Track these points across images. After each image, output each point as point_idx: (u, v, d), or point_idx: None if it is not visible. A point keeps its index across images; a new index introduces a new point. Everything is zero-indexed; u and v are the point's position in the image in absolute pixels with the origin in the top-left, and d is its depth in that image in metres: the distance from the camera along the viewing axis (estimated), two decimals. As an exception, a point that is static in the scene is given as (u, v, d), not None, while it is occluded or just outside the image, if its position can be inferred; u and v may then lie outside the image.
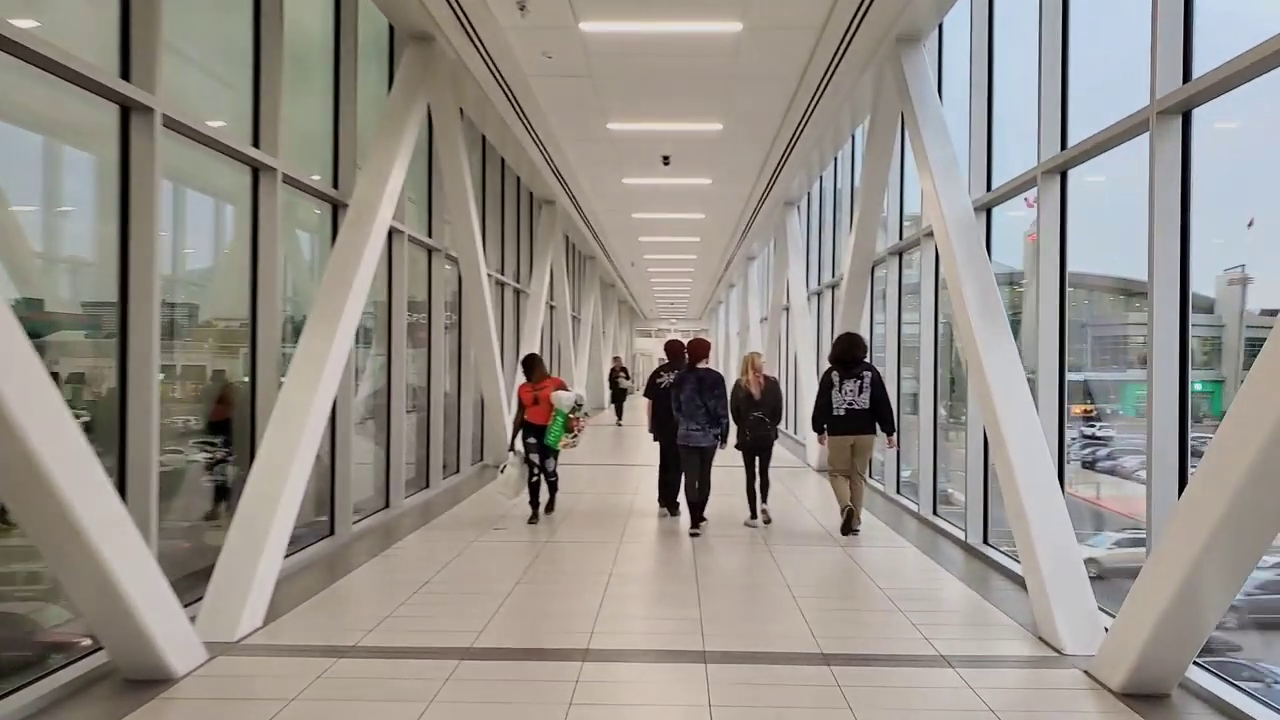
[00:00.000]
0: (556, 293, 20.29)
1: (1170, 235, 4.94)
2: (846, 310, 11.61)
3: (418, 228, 11.10)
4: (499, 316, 15.50)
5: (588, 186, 16.57)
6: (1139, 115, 5.16)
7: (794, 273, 16.98)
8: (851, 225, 11.71)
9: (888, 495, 11.14)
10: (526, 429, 9.25)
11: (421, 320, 11.33)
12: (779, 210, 17.87)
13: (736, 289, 35.29)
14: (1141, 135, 5.26)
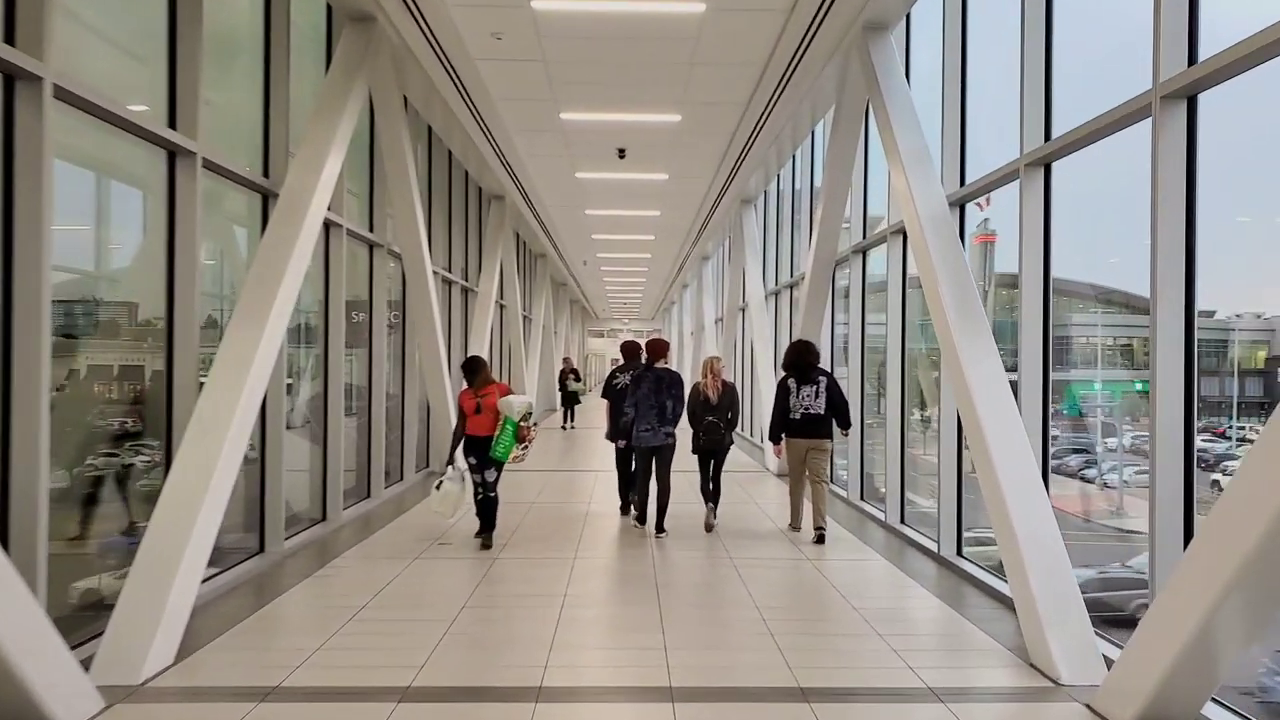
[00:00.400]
0: (507, 291, 19.67)
1: (1175, 228, 4.56)
2: (808, 310, 11.21)
3: (358, 222, 10.46)
4: (446, 315, 14.87)
5: (539, 181, 15.99)
6: (1140, 100, 4.77)
7: (751, 272, 16.59)
8: (811, 224, 11.33)
9: (851, 502, 10.76)
10: (469, 443, 8.17)
11: (362, 319, 10.70)
12: (735, 209, 17.48)
13: (690, 289, 34.93)
14: (1139, 122, 4.88)
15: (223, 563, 7.03)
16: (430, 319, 11.57)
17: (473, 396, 8.17)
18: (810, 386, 8.50)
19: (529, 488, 11.84)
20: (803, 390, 8.51)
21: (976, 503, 7.44)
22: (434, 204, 13.76)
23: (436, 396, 12.39)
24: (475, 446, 8.15)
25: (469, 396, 8.20)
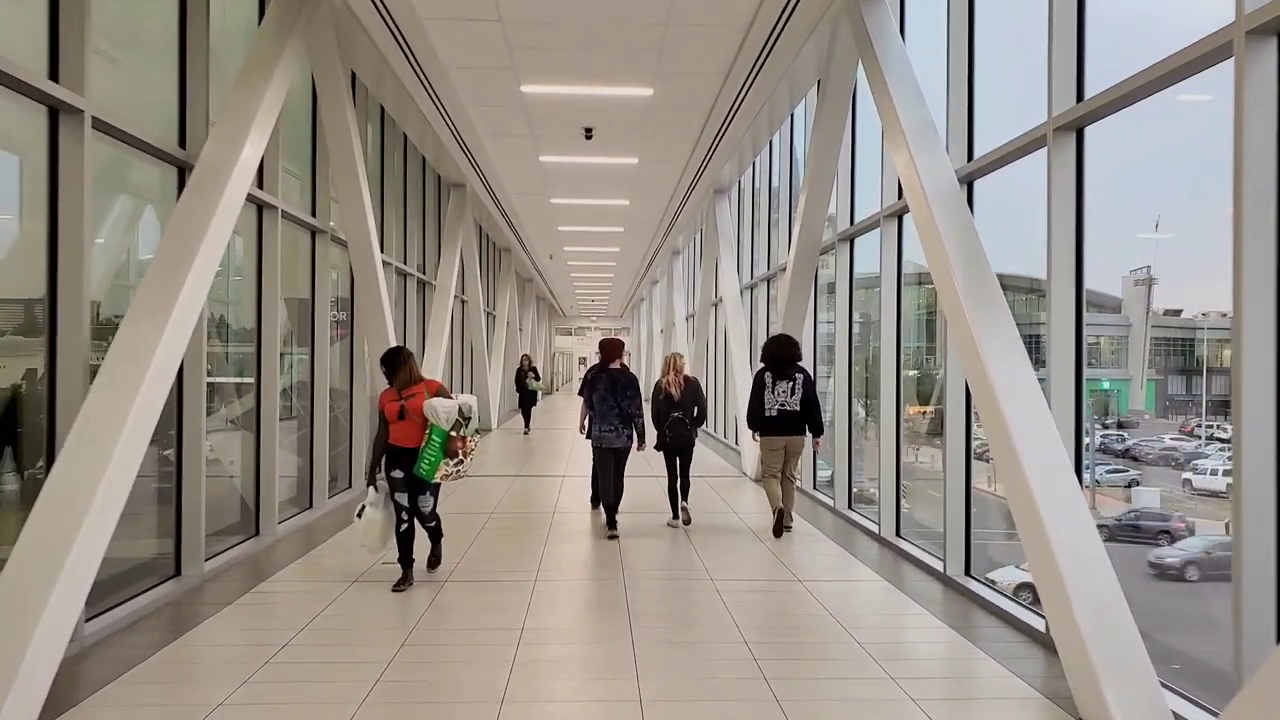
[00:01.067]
0: (468, 286, 18.71)
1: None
2: (790, 303, 10.39)
3: (299, 205, 9.49)
4: (401, 309, 13.91)
5: (501, 166, 15.02)
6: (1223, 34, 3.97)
7: (725, 266, 15.76)
8: (793, 210, 10.52)
9: (838, 511, 9.96)
10: (391, 455, 6.66)
11: (304, 312, 9.73)
12: (709, 200, 16.65)
13: (660, 285, 34.10)
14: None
15: (127, 590, 6.08)
16: (380, 311, 10.59)
17: (395, 398, 6.63)
18: (787, 383, 8.36)
19: (486, 497, 10.92)
20: (779, 386, 8.37)
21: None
22: (387, 191, 12.81)
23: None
24: (400, 460, 6.59)
25: (390, 398, 6.65)
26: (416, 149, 14.39)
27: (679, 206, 17.46)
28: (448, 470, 6.54)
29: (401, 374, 6.67)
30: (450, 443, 6.49)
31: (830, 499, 10.38)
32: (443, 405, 6.50)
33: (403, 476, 6.60)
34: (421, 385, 6.68)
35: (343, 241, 10.23)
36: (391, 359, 6.78)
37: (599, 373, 8.80)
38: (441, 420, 6.45)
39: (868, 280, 9.89)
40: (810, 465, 11.37)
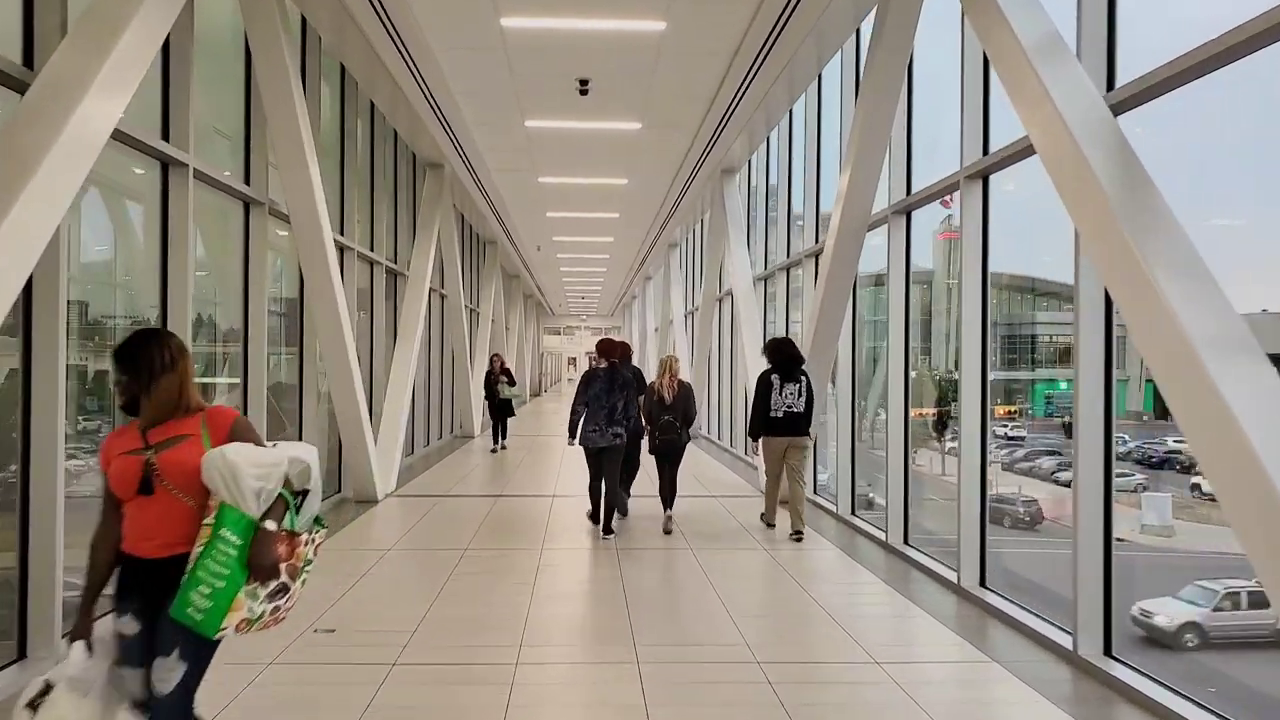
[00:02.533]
0: (448, 280, 16.87)
1: None
2: (829, 291, 8.66)
3: (232, 169, 7.66)
4: (368, 300, 12.07)
5: (480, 136, 13.11)
6: None
7: (736, 254, 13.96)
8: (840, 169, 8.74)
9: (841, 517, 8.28)
10: (126, 573, 3.08)
11: (235, 300, 7.90)
12: (714, 182, 14.87)
13: (654, 282, 32.31)
14: None
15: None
16: (332, 301, 8.78)
17: (135, 445, 3.04)
18: (794, 384, 8.43)
19: (455, 529, 9.09)
20: (787, 388, 8.41)
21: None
22: (352, 167, 10.99)
23: (344, 403, 9.60)
24: (140, 587, 3.05)
25: (122, 446, 3.06)
26: (387, 121, 12.58)
27: (683, 188, 15.62)
28: (251, 613, 2.97)
29: (156, 388, 3.06)
30: (263, 546, 2.98)
31: (833, 504, 9.82)
32: (246, 463, 2.96)
33: (139, 630, 3.03)
34: (197, 419, 3.08)
35: (285, 216, 8.39)
36: (133, 353, 3.07)
37: (596, 371, 8.72)
38: (245, 496, 2.95)
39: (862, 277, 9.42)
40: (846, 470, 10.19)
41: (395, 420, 11.79)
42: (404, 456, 14.26)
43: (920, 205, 7.81)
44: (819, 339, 9.11)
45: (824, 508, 10.21)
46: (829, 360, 9.41)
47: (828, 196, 10.98)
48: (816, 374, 9.23)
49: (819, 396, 8.93)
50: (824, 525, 9.36)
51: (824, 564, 7.74)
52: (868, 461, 9.78)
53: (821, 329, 9.03)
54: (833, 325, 9.04)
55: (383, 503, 10.44)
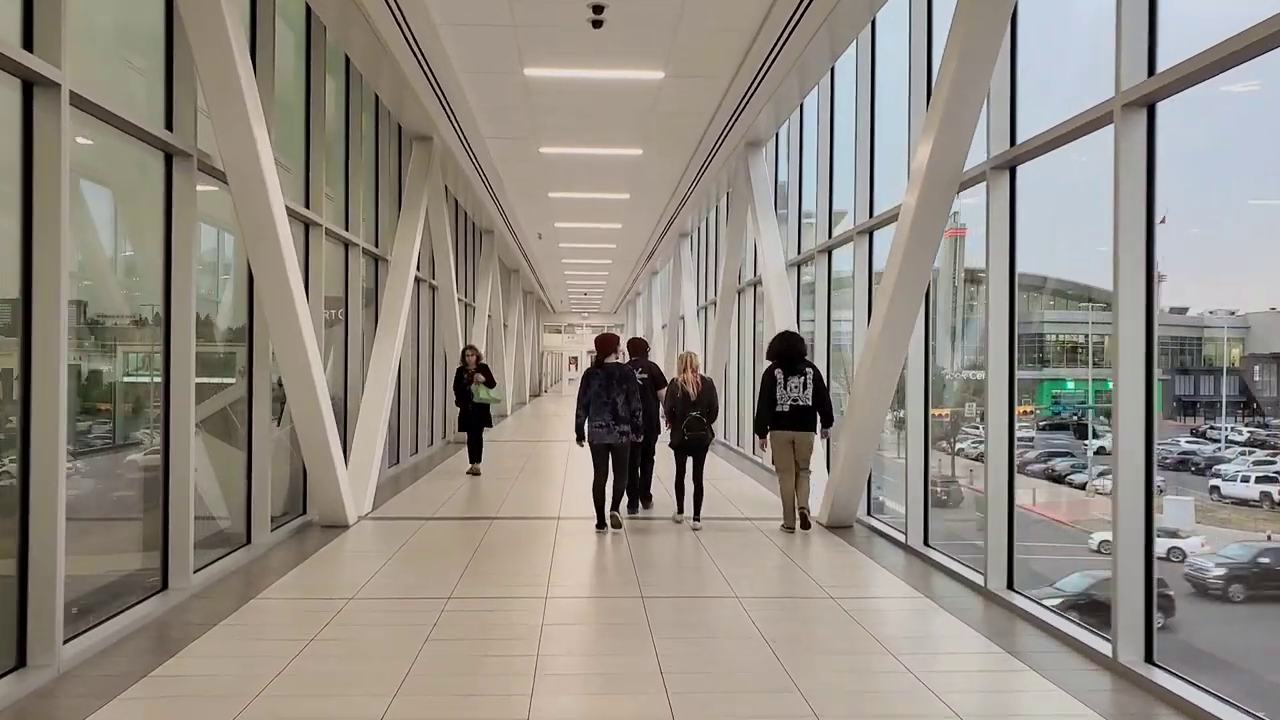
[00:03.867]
0: (440, 270, 15.17)
1: None
2: (906, 270, 6.96)
3: (141, 112, 5.94)
4: (340, 285, 10.37)
5: (472, 90, 11.19)
6: None
7: (766, 235, 12.24)
8: (929, 109, 7.05)
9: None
10: None
11: (154, 279, 6.19)
12: (737, 158, 13.15)
13: (660, 276, 30.61)
14: None
15: None
16: (283, 283, 7.07)
17: None
18: (798, 378, 8.45)
19: (432, 572, 7.37)
20: (791, 381, 8.46)
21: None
22: (316, 127, 9.26)
23: (303, 411, 7.89)
24: None
25: None
26: (365, 82, 10.88)
27: (704, 161, 13.85)
28: None
29: None
30: None
31: (902, 536, 8.00)
32: None
33: None
34: None
35: (221, 174, 6.67)
36: None
37: (595, 368, 8.63)
38: None
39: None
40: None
41: (372, 428, 10.07)
42: (389, 466, 12.56)
43: (1037, 155, 6.05)
44: (888, 331, 7.40)
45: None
46: (897, 361, 7.70)
47: (840, 196, 10.58)
48: (880, 381, 7.61)
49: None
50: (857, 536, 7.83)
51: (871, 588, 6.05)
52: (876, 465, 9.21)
53: (894, 316, 7.31)
54: (906, 311, 7.32)
55: (354, 528, 8.72)
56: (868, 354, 7.79)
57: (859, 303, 9.57)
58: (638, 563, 7.28)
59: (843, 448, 8.33)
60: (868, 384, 7.78)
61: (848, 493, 8.63)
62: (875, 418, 8.04)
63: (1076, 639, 5.18)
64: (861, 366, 7.97)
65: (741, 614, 5.82)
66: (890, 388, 7.87)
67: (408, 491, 11.03)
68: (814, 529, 8.58)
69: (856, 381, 8.17)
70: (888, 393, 7.89)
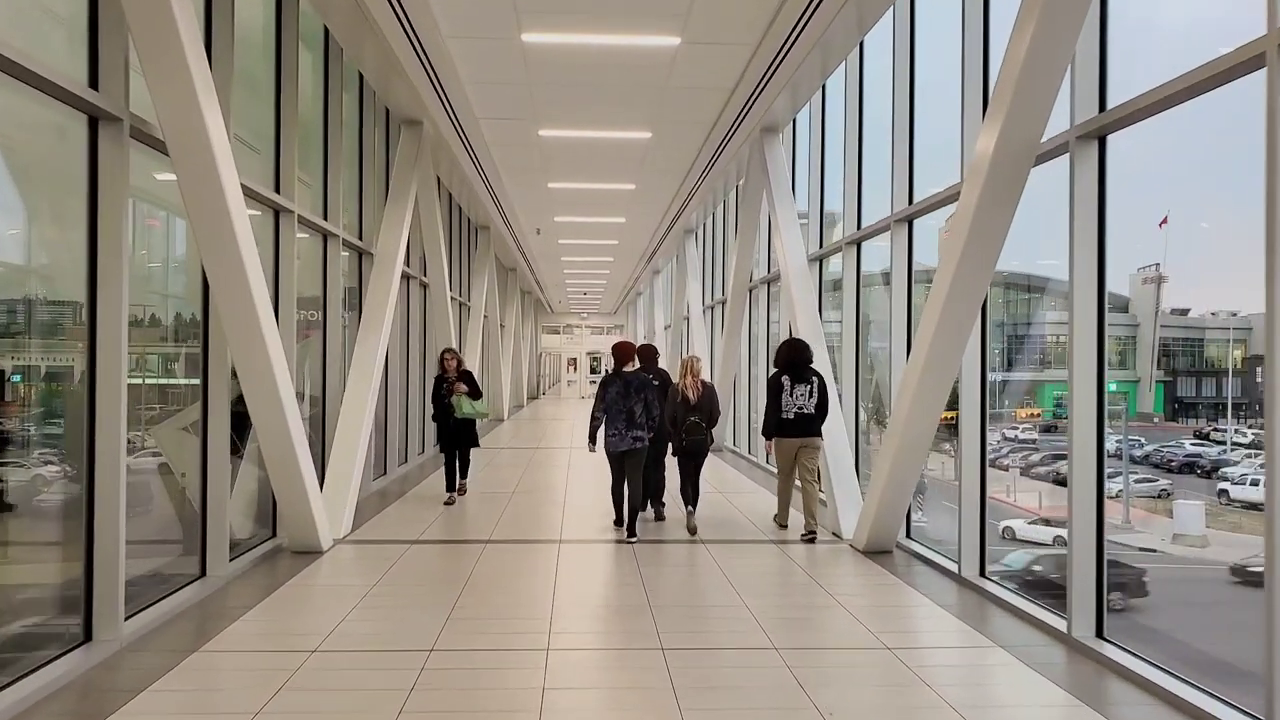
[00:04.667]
0: (431, 266, 14.13)
1: None
2: (966, 261, 5.94)
3: (68, 66, 4.92)
4: (318, 279, 9.35)
5: (462, 59, 10.02)
6: None
7: (786, 228, 11.20)
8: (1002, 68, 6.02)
9: (995, 597, 5.52)
10: None
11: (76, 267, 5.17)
12: (755, 141, 12.12)
13: (662, 276, 29.59)
14: None
15: None
16: (236, 267, 6.03)
17: None
18: (805, 385, 8.44)
19: (413, 613, 6.35)
20: (797, 389, 8.43)
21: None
22: (286, 105, 8.24)
23: (266, 423, 6.85)
24: None
25: None
26: (344, 59, 9.86)
27: (718, 146, 12.79)
28: None
29: None
30: None
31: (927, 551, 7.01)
32: None
33: None
34: None
35: (159, 143, 5.64)
36: None
37: (612, 376, 8.60)
38: None
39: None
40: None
41: (352, 440, 9.03)
42: (374, 479, 11.54)
43: (1139, 119, 5.02)
44: (942, 336, 6.39)
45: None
46: (950, 370, 6.69)
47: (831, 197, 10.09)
48: (930, 392, 6.64)
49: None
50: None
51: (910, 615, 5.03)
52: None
53: (948, 319, 6.30)
54: (963, 313, 6.30)
55: (329, 554, 7.70)
56: (916, 361, 6.78)
57: (897, 301, 8.55)
58: (653, 600, 6.26)
59: (885, 466, 7.31)
60: (915, 395, 6.77)
61: (889, 515, 7.62)
62: (923, 434, 7.02)
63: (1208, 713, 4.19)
64: (909, 375, 6.96)
65: (784, 673, 4.80)
66: (941, 400, 6.86)
67: (393, 509, 9.99)
68: (849, 554, 7.84)
69: (901, 392, 7.16)
70: (937, 406, 6.87)
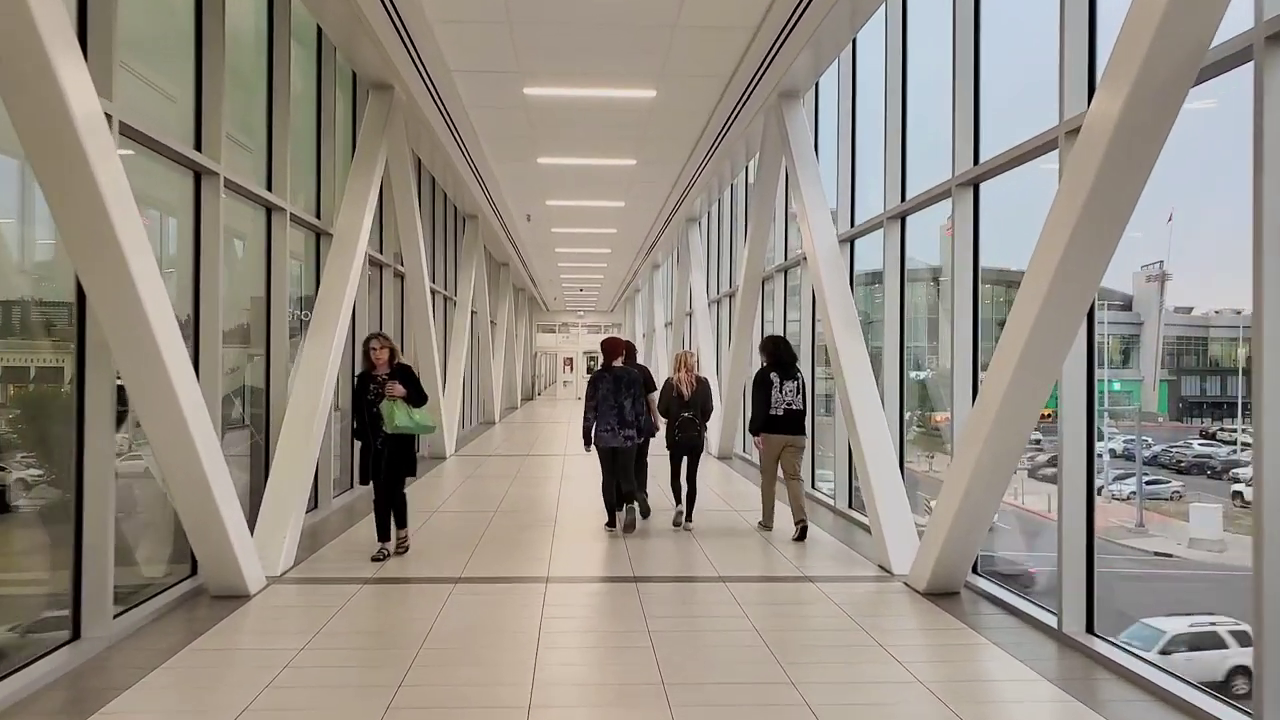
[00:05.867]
0: (407, 251, 12.59)
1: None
2: (1086, 222, 4.44)
3: None
4: (259, 260, 7.82)
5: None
6: None
7: (812, 204, 9.65)
8: None
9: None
10: None
11: None
12: (774, 108, 10.59)
13: (663, 270, 28.04)
14: None
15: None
16: (101, 225, 4.49)
17: None
18: (793, 382, 8.35)
19: (349, 689, 4.79)
20: (786, 386, 8.32)
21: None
22: (210, 48, 6.70)
23: (165, 442, 5.30)
24: None
25: None
26: (292, 4, 8.33)
27: (731, 113, 11.20)
28: None
29: None
30: None
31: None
32: None
33: None
34: None
35: None
36: None
37: (602, 372, 8.49)
38: None
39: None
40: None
41: (296, 456, 7.48)
42: (335, 496, 9.99)
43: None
44: (1041, 330, 4.88)
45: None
46: (1050, 373, 5.18)
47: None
48: (1021, 401, 5.16)
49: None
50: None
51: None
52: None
53: (1053, 307, 4.78)
54: (1073, 299, 4.79)
55: (258, 598, 6.15)
56: (1006, 356, 5.25)
57: (960, 288, 7.01)
58: (668, 675, 4.71)
59: (958, 488, 5.77)
60: (1004, 401, 5.24)
61: (959, 549, 6.08)
62: (1010, 449, 5.51)
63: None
64: (995, 375, 5.43)
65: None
66: (1037, 408, 5.36)
67: (345, 537, 8.32)
68: (907, 598, 6.31)
69: (982, 400, 5.62)
70: (1031, 415, 5.37)
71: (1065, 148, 5.25)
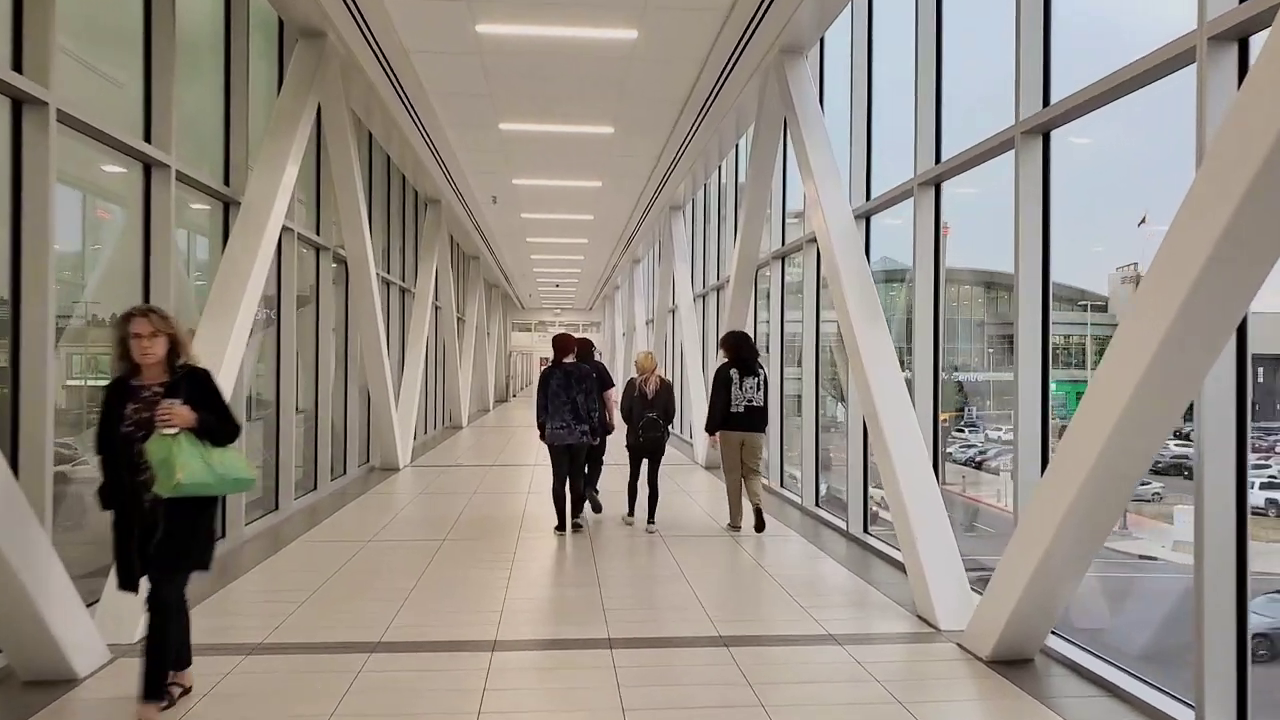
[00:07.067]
0: (348, 229, 10.92)
1: None
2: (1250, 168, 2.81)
3: None
4: (139, 235, 6.13)
5: None
6: None
7: (824, 176, 8.07)
8: None
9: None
10: None
11: None
12: (775, 64, 9.04)
13: (643, 266, 26.43)
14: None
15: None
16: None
17: None
18: (753, 378, 8.38)
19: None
20: (746, 382, 8.35)
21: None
22: None
23: None
24: None
25: None
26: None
27: (725, 65, 9.53)
28: None
29: None
30: None
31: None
32: None
33: None
34: None
35: None
36: None
37: (553, 368, 8.39)
38: None
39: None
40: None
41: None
42: (264, 513, 8.35)
43: None
44: (1183, 330, 3.37)
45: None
46: (1191, 385, 3.66)
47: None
48: (1155, 405, 3.58)
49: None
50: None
51: None
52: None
53: (1202, 296, 3.27)
54: (1236, 285, 3.24)
55: (90, 682, 4.49)
56: (1129, 367, 3.69)
57: (1026, 276, 5.44)
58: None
59: (1047, 530, 4.20)
60: (1120, 423, 3.71)
61: (1041, 608, 4.52)
62: (1121, 484, 3.96)
63: None
64: (1103, 389, 3.88)
65: None
66: (1163, 433, 3.84)
67: (226, 591, 6.58)
68: (966, 668, 4.83)
69: (1076, 423, 4.05)
70: (1154, 443, 3.83)
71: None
